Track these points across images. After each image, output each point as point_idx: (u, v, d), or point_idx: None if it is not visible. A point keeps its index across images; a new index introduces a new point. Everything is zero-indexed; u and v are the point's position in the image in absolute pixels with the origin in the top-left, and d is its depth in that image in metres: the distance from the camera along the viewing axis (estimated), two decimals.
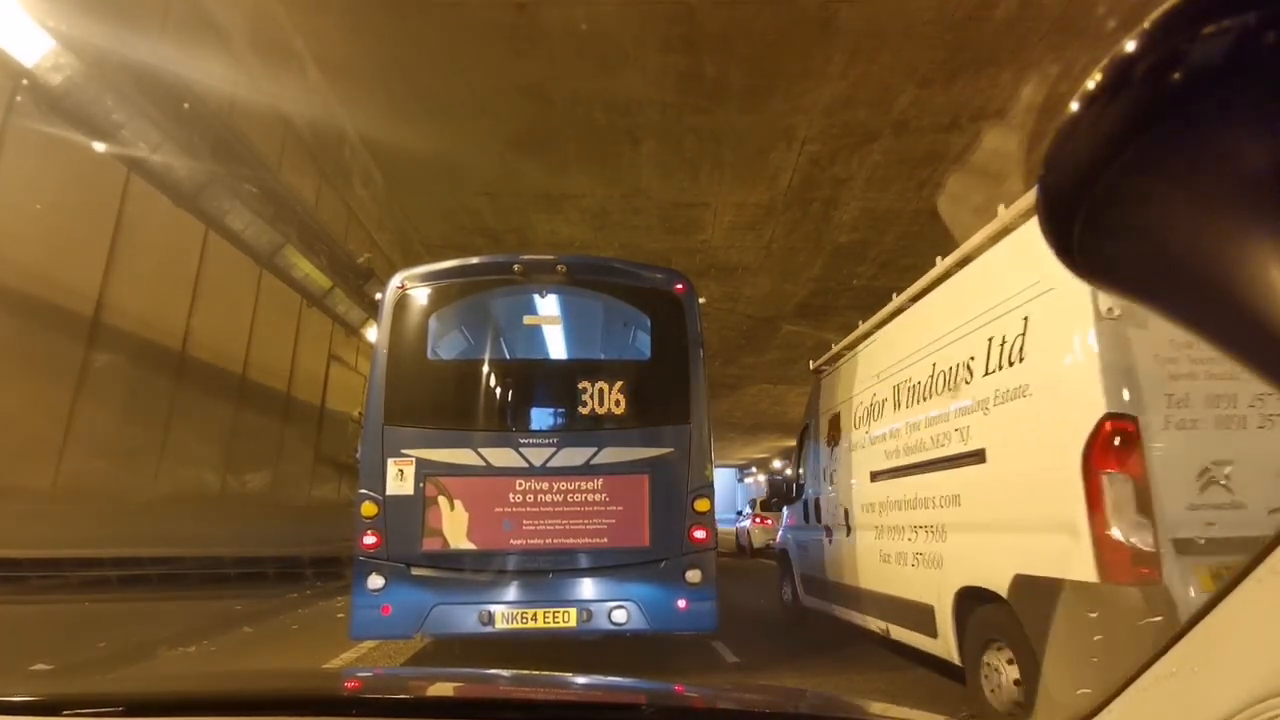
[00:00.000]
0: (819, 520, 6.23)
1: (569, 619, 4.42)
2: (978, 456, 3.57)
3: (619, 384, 4.84)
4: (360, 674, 3.08)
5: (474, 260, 5.34)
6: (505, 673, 1.53)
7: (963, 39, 7.68)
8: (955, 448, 3.80)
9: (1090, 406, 2.76)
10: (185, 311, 7.48)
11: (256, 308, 8.82)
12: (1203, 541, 2.61)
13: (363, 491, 4.56)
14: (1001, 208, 3.63)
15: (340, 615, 5.78)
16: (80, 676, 4.11)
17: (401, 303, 4.94)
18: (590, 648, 4.89)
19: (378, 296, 6.45)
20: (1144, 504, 2.62)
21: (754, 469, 40.08)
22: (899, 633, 4.53)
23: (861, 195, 10.92)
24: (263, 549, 7.44)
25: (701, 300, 5.35)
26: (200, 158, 7.04)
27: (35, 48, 5.25)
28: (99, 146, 6.02)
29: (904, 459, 4.48)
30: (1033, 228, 3.17)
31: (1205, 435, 2.73)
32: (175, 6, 6.97)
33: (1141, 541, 2.59)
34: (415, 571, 4.44)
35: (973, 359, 3.67)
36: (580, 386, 4.84)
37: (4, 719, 1.04)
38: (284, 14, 7.62)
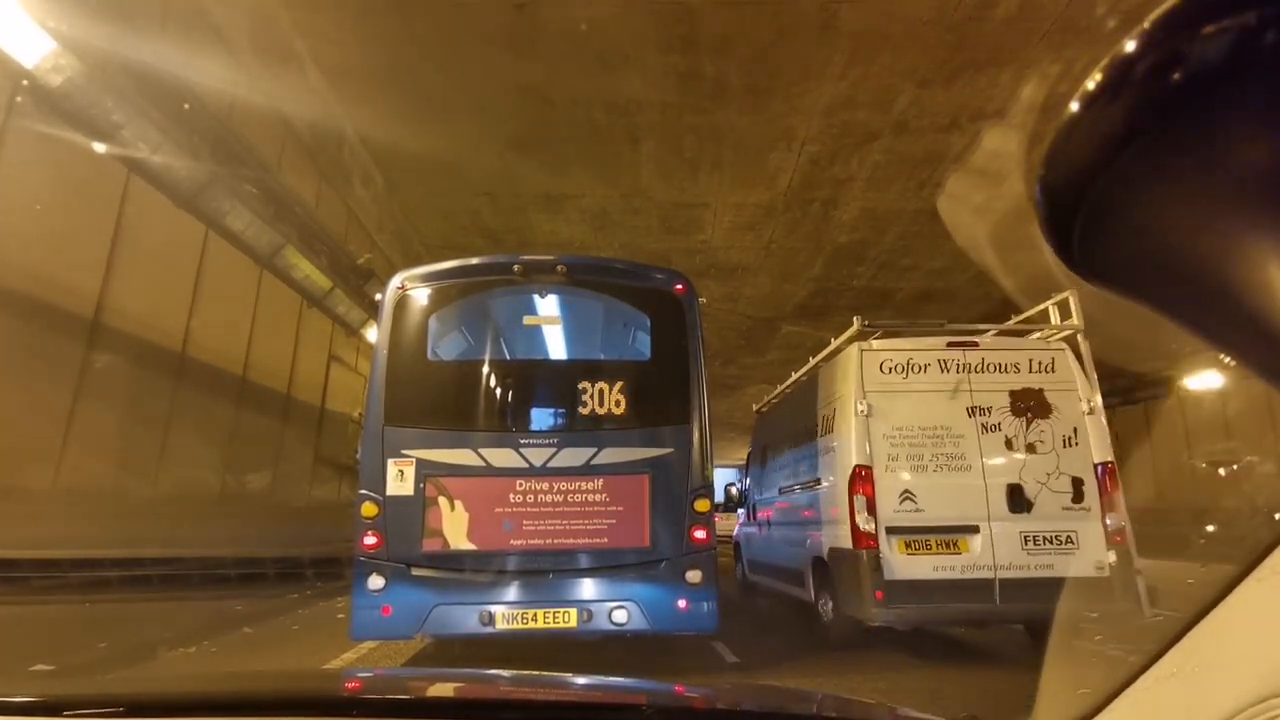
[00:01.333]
0: (756, 519, 8.78)
1: (569, 619, 4.42)
2: (818, 482, 6.05)
3: (619, 384, 4.83)
4: (360, 674, 3.08)
5: (474, 260, 5.33)
6: (505, 673, 1.53)
7: (963, 39, 7.68)
8: (811, 476, 6.29)
9: (850, 459, 5.19)
10: (185, 312, 7.48)
11: (256, 308, 8.81)
12: (899, 527, 5.00)
13: (363, 492, 4.55)
14: (831, 337, 6.26)
15: (341, 616, 5.76)
16: (80, 676, 4.11)
17: (401, 303, 4.93)
18: (590, 648, 4.88)
19: (378, 297, 6.43)
20: (872, 509, 5.02)
21: None
22: (789, 589, 6.92)
23: (861, 195, 10.92)
24: (263, 549, 7.44)
25: (701, 300, 5.34)
26: (200, 158, 7.04)
27: (35, 49, 5.25)
28: (99, 147, 6.02)
29: (793, 480, 6.99)
30: (841, 359, 5.72)
31: (904, 475, 5.12)
32: (175, 7, 6.97)
33: (870, 528, 4.99)
34: (415, 572, 4.44)
35: (819, 425, 6.12)
36: (580, 387, 4.83)
37: (4, 719, 1.04)
38: (284, 15, 7.62)
